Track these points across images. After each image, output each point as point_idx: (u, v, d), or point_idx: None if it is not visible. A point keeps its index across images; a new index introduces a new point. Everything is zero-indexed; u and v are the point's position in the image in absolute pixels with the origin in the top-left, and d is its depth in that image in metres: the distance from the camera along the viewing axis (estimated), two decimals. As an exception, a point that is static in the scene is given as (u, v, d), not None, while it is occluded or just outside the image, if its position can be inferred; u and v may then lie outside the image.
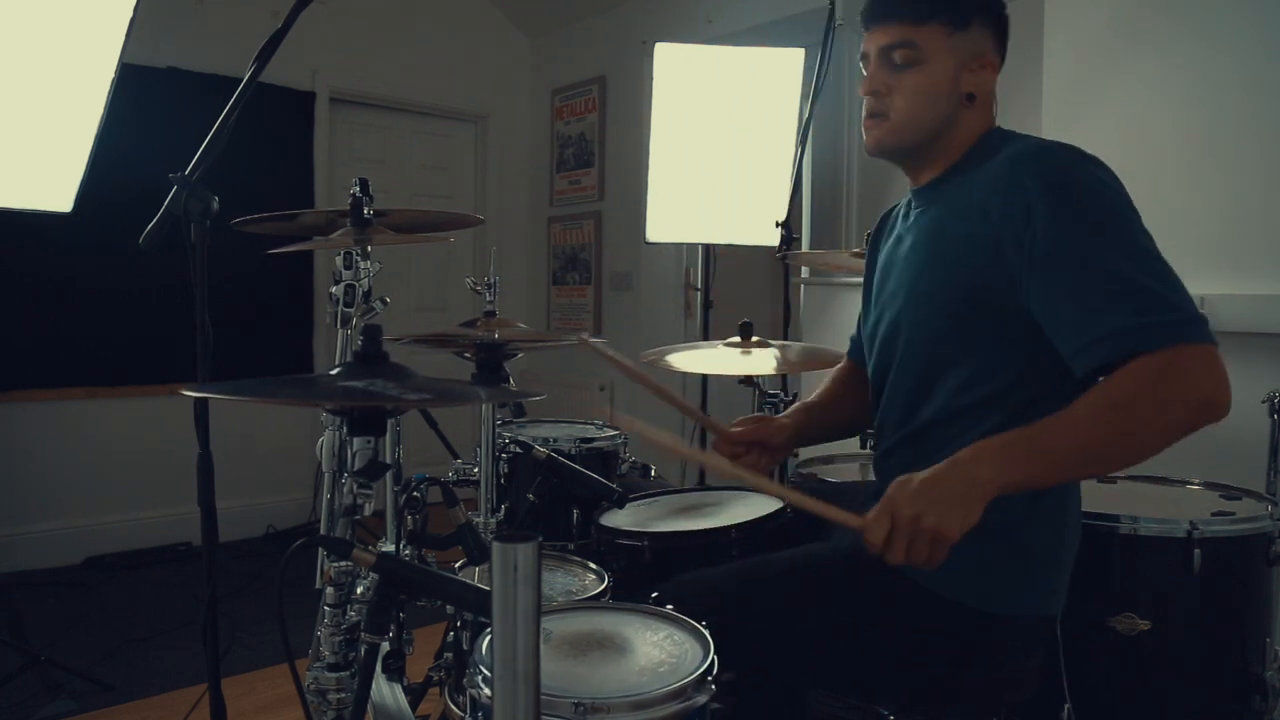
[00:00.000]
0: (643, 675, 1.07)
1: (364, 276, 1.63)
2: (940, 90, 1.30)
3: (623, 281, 4.66)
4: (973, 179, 1.28)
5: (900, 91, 1.31)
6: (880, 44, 1.32)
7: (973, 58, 1.30)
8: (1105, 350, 1.09)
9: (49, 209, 1.97)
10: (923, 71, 1.29)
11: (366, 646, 1.15)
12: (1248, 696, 1.54)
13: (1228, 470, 1.82)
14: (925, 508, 1.06)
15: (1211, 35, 2.30)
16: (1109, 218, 1.14)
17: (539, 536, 0.73)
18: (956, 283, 1.26)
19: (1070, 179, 1.16)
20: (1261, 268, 2.22)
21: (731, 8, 4.01)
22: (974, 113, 1.33)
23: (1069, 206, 1.14)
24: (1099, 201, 1.15)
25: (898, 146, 1.35)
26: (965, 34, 1.29)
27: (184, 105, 3.72)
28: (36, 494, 3.70)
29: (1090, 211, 1.14)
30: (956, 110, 1.31)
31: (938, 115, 1.31)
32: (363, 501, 1.37)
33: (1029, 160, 1.20)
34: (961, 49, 1.30)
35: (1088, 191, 1.15)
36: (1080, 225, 1.13)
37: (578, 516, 1.99)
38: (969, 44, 1.30)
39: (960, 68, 1.30)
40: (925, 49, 1.29)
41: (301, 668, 1.36)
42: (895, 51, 1.30)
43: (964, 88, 1.30)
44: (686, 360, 2.08)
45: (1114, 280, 1.10)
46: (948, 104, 1.31)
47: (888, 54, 1.31)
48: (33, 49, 1.80)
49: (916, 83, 1.30)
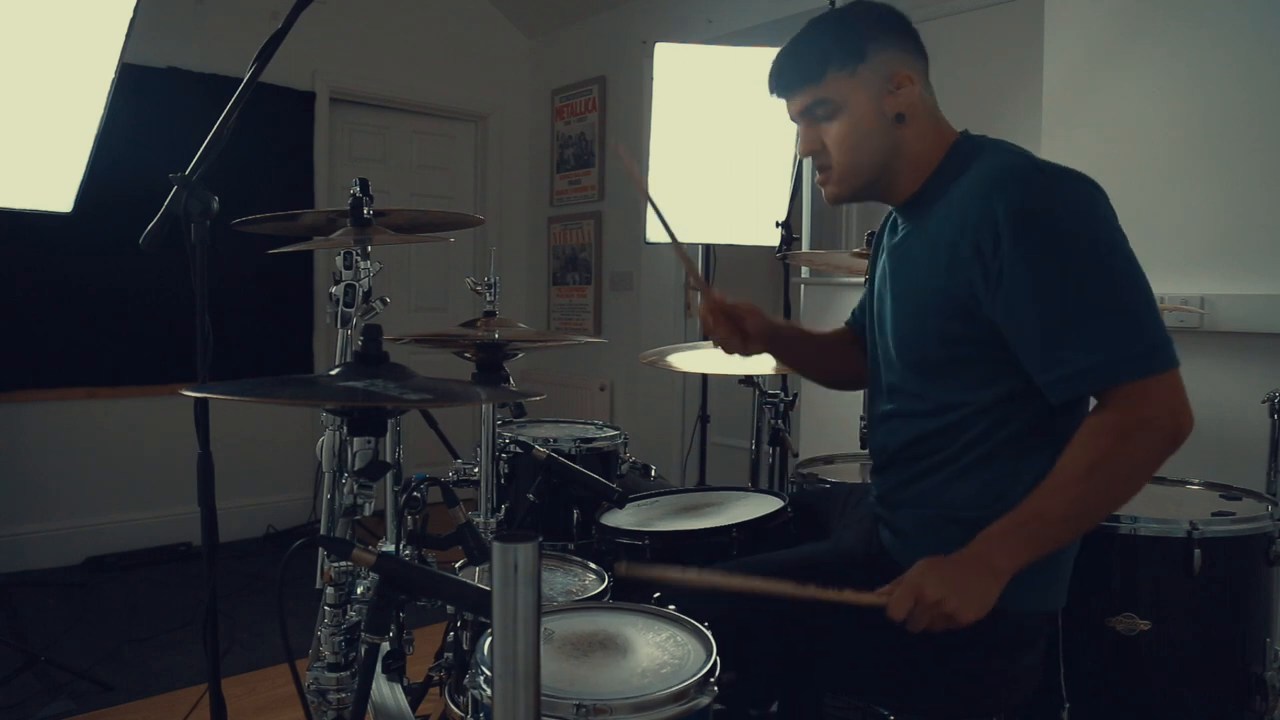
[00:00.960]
0: (644, 676, 1.07)
1: (364, 276, 1.63)
2: (868, 128, 1.31)
3: (623, 281, 4.66)
4: (949, 196, 1.27)
5: (831, 144, 1.33)
6: (797, 109, 1.36)
7: (885, 81, 1.30)
8: (1072, 388, 1.16)
9: (49, 209, 1.97)
10: (844, 118, 1.31)
11: (367, 646, 1.16)
12: (1248, 696, 1.54)
13: (1228, 470, 1.82)
14: (948, 595, 1.15)
15: (1211, 35, 2.30)
16: (1073, 247, 1.15)
17: (539, 536, 0.73)
18: (934, 309, 1.27)
19: (1036, 207, 1.17)
20: (1261, 268, 2.22)
21: (731, 8, 4.01)
22: (914, 129, 1.32)
23: (1033, 238, 1.15)
24: (1063, 230, 1.16)
25: (852, 193, 1.37)
26: (866, 64, 1.29)
27: (184, 105, 3.72)
28: (36, 494, 3.70)
29: (1053, 242, 1.15)
30: (892, 135, 1.31)
31: (874, 150, 1.32)
32: (363, 501, 1.37)
33: (996, 184, 1.20)
34: (870, 80, 1.30)
35: (1053, 220, 1.16)
36: (1044, 259, 1.15)
37: (578, 516, 2.00)
38: (875, 72, 1.30)
39: (878, 97, 1.30)
40: (836, 100, 1.31)
41: (301, 668, 1.36)
42: (814, 110, 1.33)
43: (889, 113, 1.30)
44: (686, 360, 2.08)
45: (1077, 315, 1.14)
46: (881, 136, 1.31)
47: (809, 114, 1.34)
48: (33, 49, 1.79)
49: (842, 131, 1.32)
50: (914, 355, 1.33)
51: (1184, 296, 2.27)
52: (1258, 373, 2.17)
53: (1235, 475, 1.79)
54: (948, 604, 1.14)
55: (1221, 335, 2.25)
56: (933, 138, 1.33)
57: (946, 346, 1.27)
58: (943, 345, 1.27)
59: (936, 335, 1.27)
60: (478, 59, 5.02)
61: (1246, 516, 1.54)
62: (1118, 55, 2.48)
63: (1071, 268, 1.14)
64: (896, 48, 1.31)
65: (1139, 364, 1.12)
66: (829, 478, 2.05)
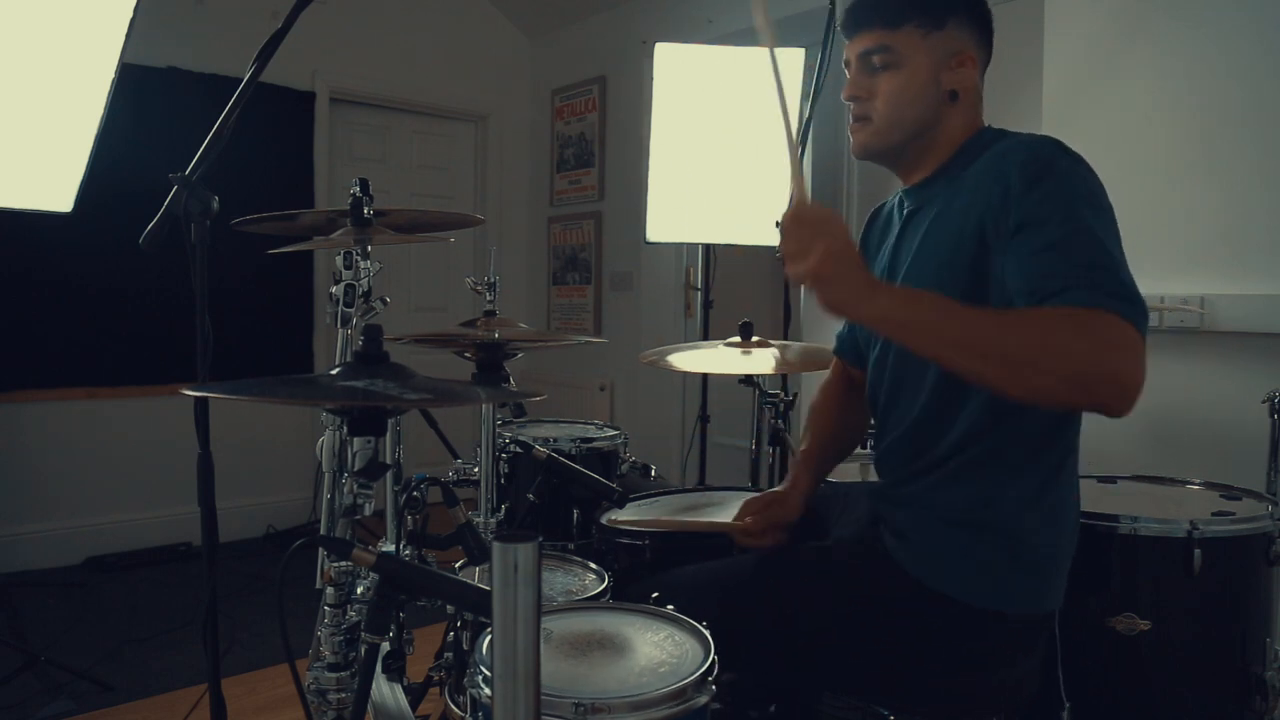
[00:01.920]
0: (643, 675, 1.07)
1: (364, 276, 1.63)
2: (920, 90, 1.31)
3: (623, 281, 4.66)
4: (963, 178, 1.28)
5: (880, 94, 1.32)
6: (858, 50, 1.34)
7: (951, 55, 1.31)
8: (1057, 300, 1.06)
9: (49, 209, 1.97)
10: (900, 73, 1.31)
11: (367, 646, 1.15)
12: (1248, 696, 1.54)
13: (1228, 470, 1.82)
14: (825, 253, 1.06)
15: (1211, 35, 2.30)
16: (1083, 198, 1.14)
17: (539, 536, 0.73)
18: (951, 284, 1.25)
19: (1049, 163, 1.17)
20: (1261, 268, 2.22)
21: (731, 8, 4.01)
22: (959, 110, 1.33)
23: (1045, 182, 1.14)
24: (1075, 185, 1.15)
25: (883, 148, 1.36)
26: (942, 33, 1.30)
27: (184, 105, 3.72)
28: (36, 494, 3.70)
29: (1065, 188, 1.14)
30: (939, 109, 1.32)
31: (919, 115, 1.32)
32: (363, 501, 1.37)
33: (1011, 152, 1.21)
34: (939, 48, 1.30)
35: (1066, 175, 1.16)
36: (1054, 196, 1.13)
37: (578, 516, 2.00)
38: (946, 43, 1.31)
39: (938, 67, 1.31)
40: (901, 51, 1.30)
41: (301, 668, 1.36)
42: (873, 56, 1.32)
43: (945, 86, 1.31)
44: (686, 360, 2.08)
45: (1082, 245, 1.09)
46: (929, 103, 1.31)
47: (866, 59, 1.33)
48: (33, 49, 1.79)
49: (895, 84, 1.31)
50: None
51: (1184, 296, 2.27)
52: (1258, 373, 2.17)
53: (1235, 475, 1.79)
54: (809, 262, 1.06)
55: (1221, 335, 2.25)
56: (969, 124, 1.34)
57: None
58: None
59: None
60: (478, 59, 5.03)
61: (1246, 516, 1.54)
62: (1118, 55, 2.48)
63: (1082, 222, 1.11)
64: (972, 29, 1.33)
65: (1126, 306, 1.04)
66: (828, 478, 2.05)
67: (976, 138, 1.34)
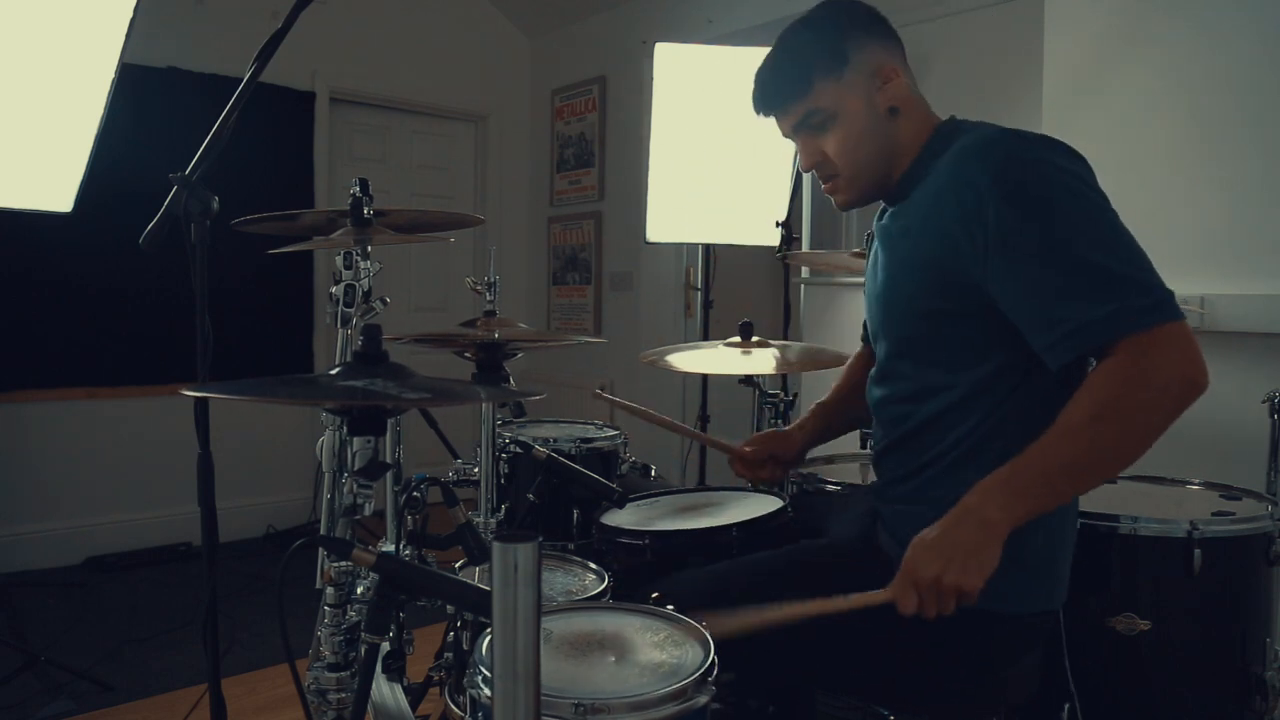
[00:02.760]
0: (643, 676, 1.07)
1: (364, 276, 1.63)
2: (863, 128, 1.30)
3: (623, 281, 4.66)
4: (928, 178, 1.27)
5: (833, 151, 1.32)
6: (790, 125, 1.35)
7: (870, 80, 1.30)
8: (1075, 344, 1.09)
9: (49, 209, 1.97)
10: (839, 124, 1.30)
11: (367, 646, 1.15)
12: (1248, 696, 1.54)
13: (1228, 470, 1.82)
14: (944, 567, 1.09)
15: (1211, 35, 2.30)
16: (1062, 204, 1.12)
17: (539, 536, 0.73)
18: (923, 285, 1.26)
19: (1018, 169, 1.14)
20: (1261, 268, 2.22)
21: (731, 8, 4.01)
22: (907, 119, 1.32)
23: (1020, 199, 1.12)
24: (1050, 189, 1.13)
25: (861, 195, 1.36)
26: (850, 66, 1.29)
27: (184, 105, 3.72)
28: (36, 494, 3.70)
29: (1042, 201, 1.12)
30: (889, 129, 1.31)
31: (875, 149, 1.32)
32: (363, 501, 1.37)
33: (975, 153, 1.18)
34: (856, 82, 1.29)
35: (1038, 180, 1.13)
36: (1033, 218, 1.12)
37: (578, 516, 1.99)
38: (860, 72, 1.30)
39: (868, 96, 1.30)
40: (828, 107, 1.30)
41: (301, 668, 1.36)
42: (809, 120, 1.32)
43: (882, 109, 1.30)
44: (686, 360, 2.08)
45: (1073, 270, 1.09)
46: (878, 133, 1.31)
47: (804, 126, 1.33)
48: (33, 49, 1.79)
49: (840, 138, 1.31)
50: (897, 330, 1.33)
51: (1184, 296, 2.27)
52: (1258, 373, 2.17)
53: (1235, 475, 1.79)
54: (947, 577, 1.08)
55: (1221, 335, 2.25)
56: (922, 125, 1.33)
57: (928, 321, 1.26)
58: (925, 319, 1.27)
59: (918, 309, 1.27)
60: (478, 59, 5.03)
61: (1246, 516, 1.54)
62: (1118, 55, 2.48)
63: (1064, 227, 1.10)
64: (876, 43, 1.31)
65: (1146, 315, 1.05)
66: (829, 478, 2.05)
67: (936, 134, 1.33)
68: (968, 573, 1.08)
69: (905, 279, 1.29)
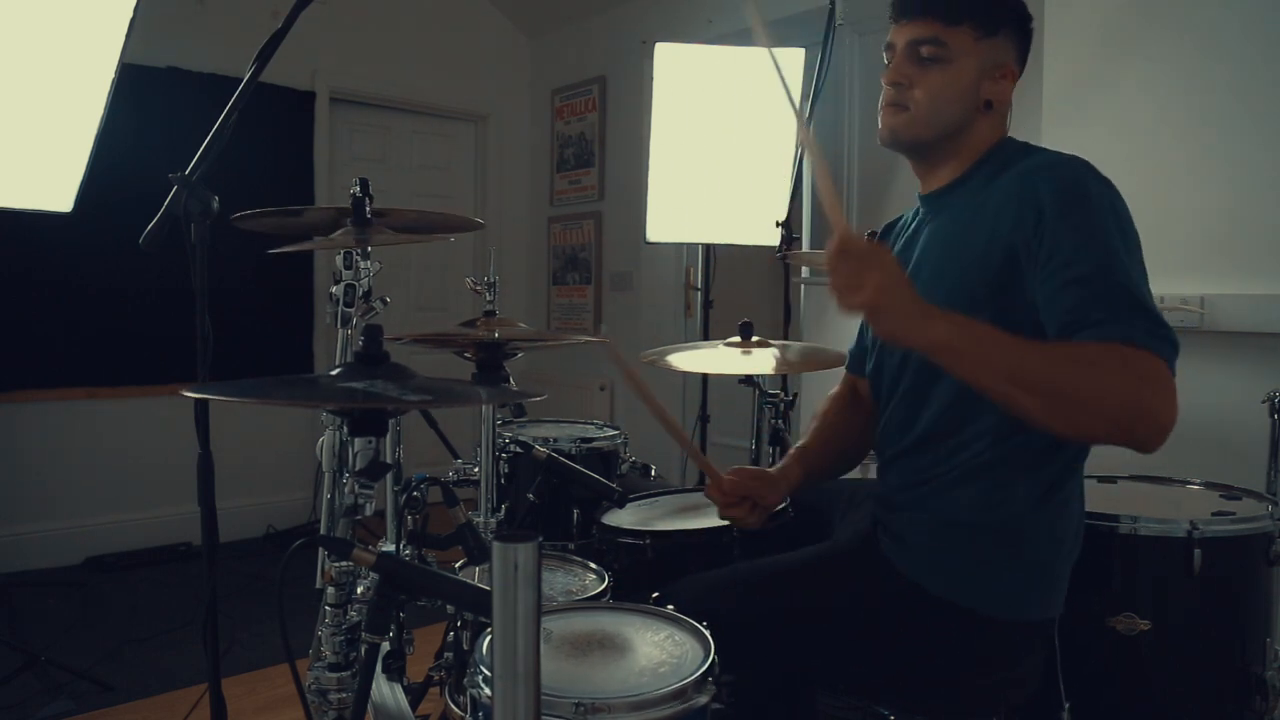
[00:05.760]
0: (643, 675, 1.07)
1: (364, 276, 1.63)
2: (961, 92, 1.31)
3: (623, 281, 4.66)
4: (986, 191, 1.28)
5: (922, 86, 1.31)
6: (909, 37, 1.32)
7: (995, 66, 1.32)
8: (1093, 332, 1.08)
9: (49, 209, 1.97)
10: (947, 70, 1.30)
11: (367, 646, 1.15)
12: (1248, 696, 1.54)
13: (1228, 470, 1.82)
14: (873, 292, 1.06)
15: (1210, 35, 2.30)
16: (1116, 230, 1.16)
17: (539, 536, 0.73)
18: (962, 293, 1.25)
19: (1083, 188, 1.18)
20: (1261, 268, 2.22)
21: (731, 8, 4.01)
22: (989, 120, 1.34)
23: (1079, 209, 1.16)
24: (1106, 215, 1.16)
25: (912, 140, 1.35)
26: (993, 40, 1.31)
27: (184, 105, 3.72)
28: (36, 494, 3.70)
29: (1098, 216, 1.16)
30: (973, 114, 1.32)
31: (954, 116, 1.32)
32: (363, 501, 1.37)
33: (1043, 170, 1.22)
34: (987, 55, 1.31)
35: (1098, 202, 1.17)
36: (1088, 226, 1.15)
37: (578, 516, 1.99)
38: (994, 51, 1.31)
39: (983, 73, 1.31)
40: (953, 49, 1.30)
41: (302, 668, 1.36)
42: (923, 46, 1.31)
43: (984, 94, 1.32)
44: (686, 360, 2.07)
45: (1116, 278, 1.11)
46: (965, 107, 1.32)
47: (915, 48, 1.31)
48: (33, 49, 1.79)
49: (940, 80, 1.30)
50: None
51: (1184, 296, 2.27)
52: (1258, 373, 2.17)
53: (1235, 475, 1.79)
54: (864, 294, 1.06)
55: (1221, 335, 2.25)
56: (993, 135, 1.35)
57: None
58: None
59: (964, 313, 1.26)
60: (478, 59, 5.02)
61: (1246, 516, 1.54)
62: (1118, 55, 2.48)
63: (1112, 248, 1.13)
64: (1018, 43, 1.34)
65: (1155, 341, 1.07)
66: (829, 478, 2.05)
67: (999, 148, 1.34)
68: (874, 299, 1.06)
69: (948, 288, 1.27)
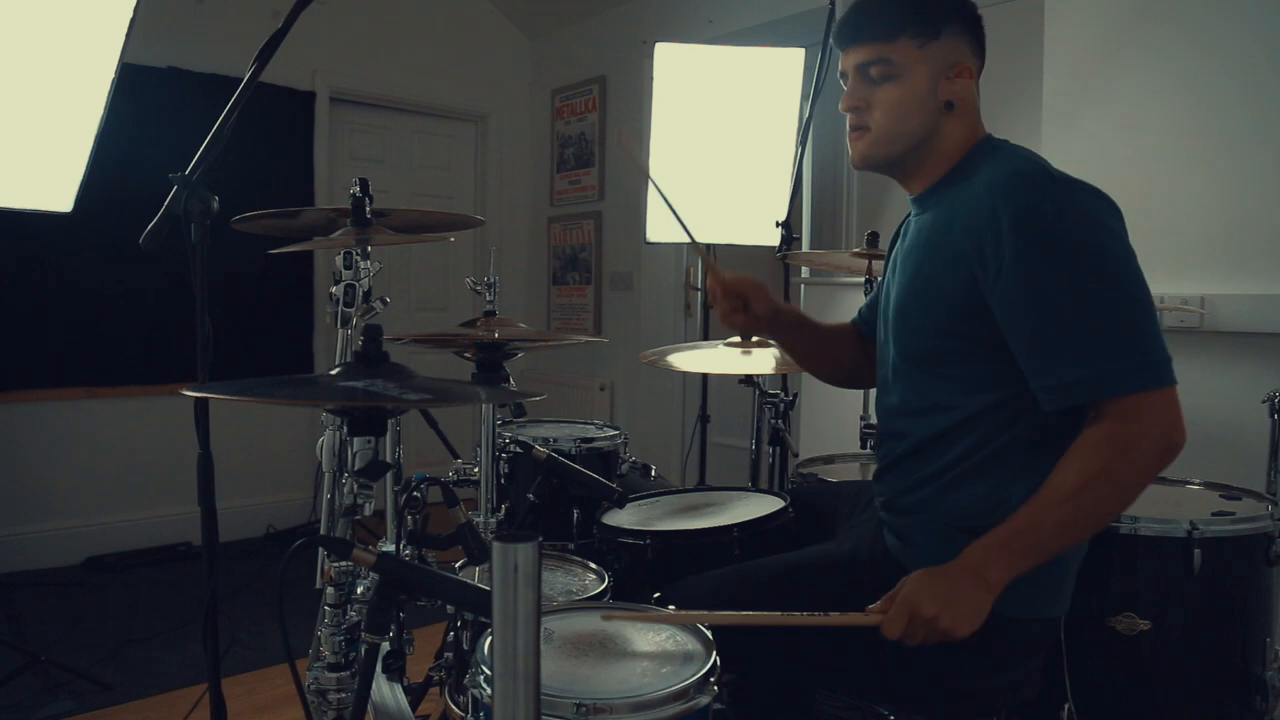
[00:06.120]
0: (644, 676, 1.07)
1: (364, 276, 1.63)
2: (918, 101, 1.31)
3: (623, 281, 4.66)
4: (958, 194, 1.28)
5: (878, 106, 1.32)
6: (856, 62, 1.34)
7: (948, 66, 1.31)
8: (1067, 397, 1.16)
9: (49, 209, 1.97)
10: (899, 85, 1.31)
11: (367, 646, 1.16)
12: (1248, 696, 1.54)
13: (1228, 470, 1.82)
14: (942, 611, 1.14)
15: (1211, 35, 2.30)
16: (1073, 258, 1.15)
17: (539, 536, 0.73)
18: (939, 300, 1.27)
19: (1041, 214, 1.17)
20: (1261, 268, 2.22)
21: (731, 8, 4.01)
22: (957, 120, 1.33)
23: (1036, 245, 1.16)
24: (1067, 239, 1.16)
25: (882, 159, 1.36)
26: (938, 43, 1.30)
27: (184, 105, 3.72)
28: (36, 494, 3.70)
29: (1056, 251, 1.16)
30: (937, 119, 1.32)
31: (918, 126, 1.32)
32: (363, 501, 1.37)
33: (1003, 185, 1.20)
34: (935, 59, 1.30)
35: (1056, 228, 1.16)
36: (1044, 266, 1.15)
37: (578, 516, 1.99)
38: (942, 53, 1.31)
39: (936, 76, 1.31)
40: (899, 63, 1.30)
41: (302, 668, 1.36)
42: (871, 68, 1.32)
43: (942, 96, 1.31)
44: (687, 360, 2.08)
45: (1075, 325, 1.14)
46: (927, 114, 1.31)
47: (864, 71, 1.33)
48: (33, 49, 1.79)
49: (894, 96, 1.31)
50: (910, 347, 1.33)
51: (1184, 296, 2.27)
52: (1258, 373, 2.17)
53: (1235, 475, 1.79)
54: (942, 620, 1.14)
55: (1221, 335, 2.25)
56: (967, 134, 1.34)
57: (940, 340, 1.28)
58: (937, 338, 1.28)
59: (932, 327, 1.28)
60: (478, 59, 5.02)
61: (1246, 516, 1.54)
62: (1118, 55, 2.48)
63: (1069, 279, 1.14)
64: (967, 38, 1.33)
65: (1130, 379, 1.12)
66: (829, 478, 2.05)
67: (975, 150, 1.34)
68: (959, 621, 1.15)
69: (920, 297, 1.30)
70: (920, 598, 1.15)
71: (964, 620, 1.15)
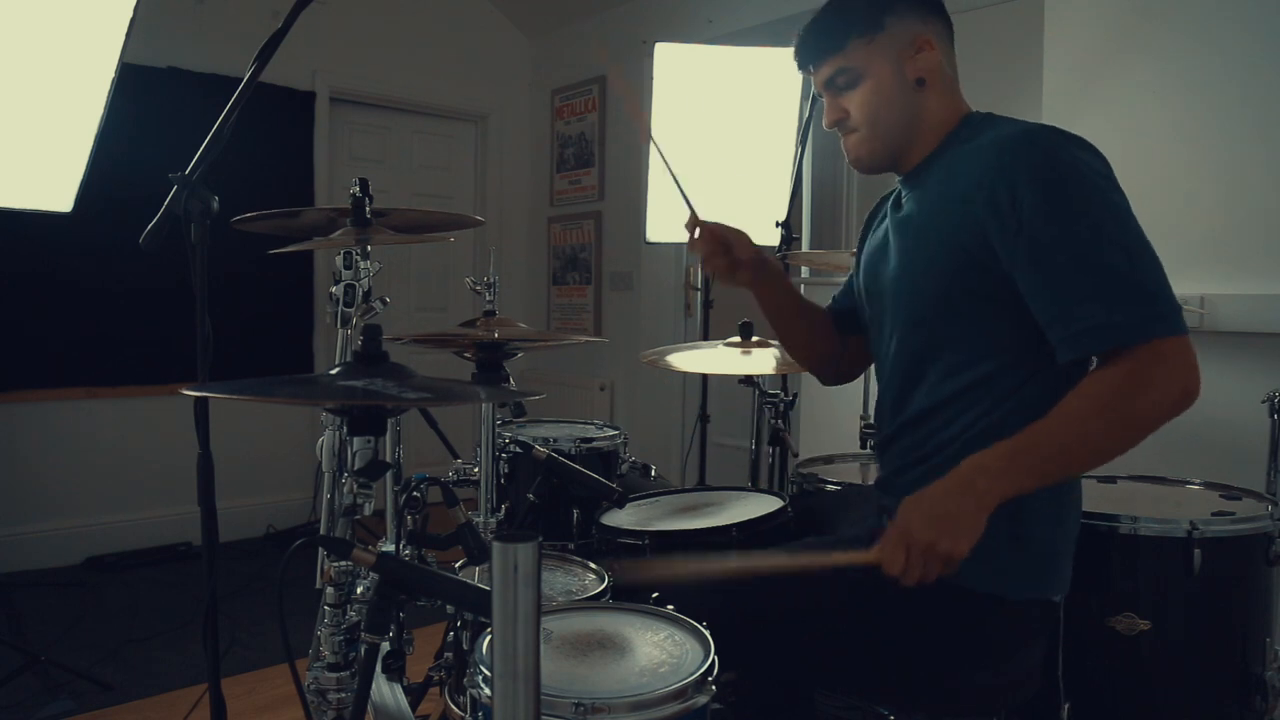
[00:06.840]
0: (643, 675, 1.07)
1: (364, 276, 1.63)
2: (889, 92, 1.34)
3: (623, 281, 4.66)
4: (957, 163, 1.29)
5: (855, 110, 1.37)
6: (822, 80, 1.39)
7: (905, 47, 1.33)
8: (1086, 344, 1.14)
9: (49, 209, 1.97)
10: (865, 84, 1.34)
11: (366, 646, 1.16)
12: (1248, 696, 1.54)
13: (1228, 470, 1.82)
14: (938, 533, 1.11)
15: (1211, 35, 2.30)
16: (1092, 207, 1.16)
17: (539, 536, 0.73)
18: (943, 267, 1.27)
19: (1056, 166, 1.17)
20: (1261, 268, 2.22)
21: (731, 8, 4.01)
22: (934, 94, 1.34)
23: (1054, 196, 1.16)
24: (1083, 190, 1.16)
25: (874, 159, 1.39)
26: (885, 33, 1.33)
27: (184, 105, 3.72)
28: (36, 494, 3.70)
29: (1074, 201, 1.16)
30: (913, 99, 1.34)
31: (897, 115, 1.34)
32: (363, 501, 1.37)
33: (1016, 145, 1.21)
34: (889, 46, 1.33)
35: (1073, 180, 1.17)
36: (1064, 216, 1.15)
37: (578, 516, 2.00)
38: (894, 39, 1.33)
39: (898, 61, 1.33)
40: (857, 66, 1.34)
41: (301, 668, 1.36)
42: (836, 79, 1.36)
43: (910, 76, 1.33)
44: (686, 360, 2.08)
45: (1094, 272, 1.13)
46: (902, 99, 1.34)
47: (831, 84, 1.38)
48: (33, 49, 1.80)
49: (864, 96, 1.35)
50: (915, 310, 1.33)
51: (1184, 296, 2.25)
52: (1258, 373, 2.17)
53: (1235, 475, 1.79)
54: (940, 544, 1.10)
55: (1221, 335, 2.25)
56: (950, 107, 1.36)
57: (946, 303, 1.27)
58: (943, 301, 1.28)
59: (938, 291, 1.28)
60: (478, 59, 5.03)
61: (1246, 516, 1.54)
62: (1117, 55, 2.48)
63: (1093, 228, 1.14)
64: (915, 16, 1.34)
65: (1159, 324, 1.11)
66: (829, 478, 2.05)
67: (966, 121, 1.35)
68: (958, 540, 1.11)
69: (926, 262, 1.30)
70: (912, 524, 1.13)
71: (961, 537, 1.11)
